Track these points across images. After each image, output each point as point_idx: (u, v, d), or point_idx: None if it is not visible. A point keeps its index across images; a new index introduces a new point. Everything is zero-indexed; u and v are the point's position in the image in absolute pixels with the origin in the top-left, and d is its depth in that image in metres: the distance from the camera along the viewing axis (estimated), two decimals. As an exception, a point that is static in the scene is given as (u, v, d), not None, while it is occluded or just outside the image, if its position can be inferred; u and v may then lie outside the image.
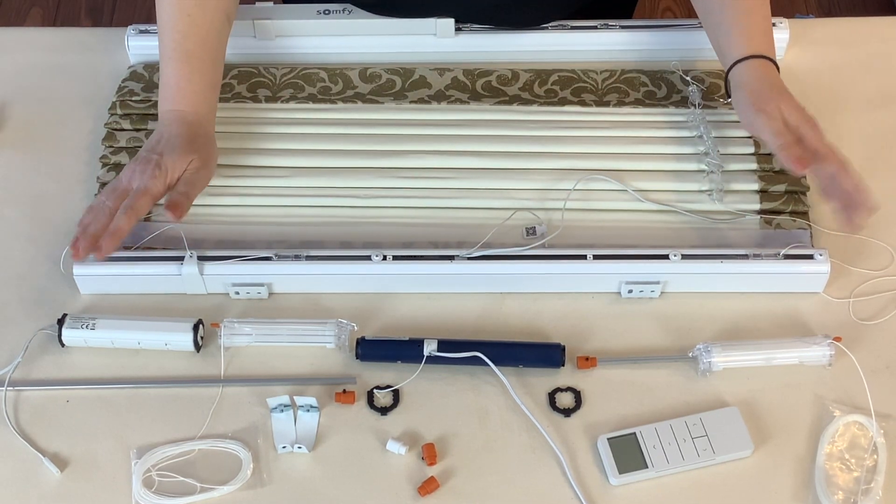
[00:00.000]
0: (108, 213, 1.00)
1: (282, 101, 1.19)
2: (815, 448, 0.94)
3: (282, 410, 0.96)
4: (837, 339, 0.98)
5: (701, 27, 1.23)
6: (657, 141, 1.14)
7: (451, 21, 1.21)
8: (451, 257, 1.02)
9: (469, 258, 1.02)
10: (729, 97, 1.09)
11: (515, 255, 1.03)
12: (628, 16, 1.40)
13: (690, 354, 0.98)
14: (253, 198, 1.11)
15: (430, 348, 0.97)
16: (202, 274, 1.02)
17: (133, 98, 1.18)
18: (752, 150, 1.13)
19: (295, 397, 0.95)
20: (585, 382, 0.98)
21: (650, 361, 0.99)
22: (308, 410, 0.96)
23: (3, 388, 0.97)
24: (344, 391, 0.97)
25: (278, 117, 1.17)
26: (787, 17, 1.23)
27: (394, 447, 0.94)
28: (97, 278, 1.03)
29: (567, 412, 0.96)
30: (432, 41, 1.22)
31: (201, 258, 1.02)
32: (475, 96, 1.19)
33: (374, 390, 0.97)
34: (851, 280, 1.05)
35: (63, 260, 1.05)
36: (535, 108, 1.18)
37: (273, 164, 1.13)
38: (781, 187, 1.10)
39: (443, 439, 0.95)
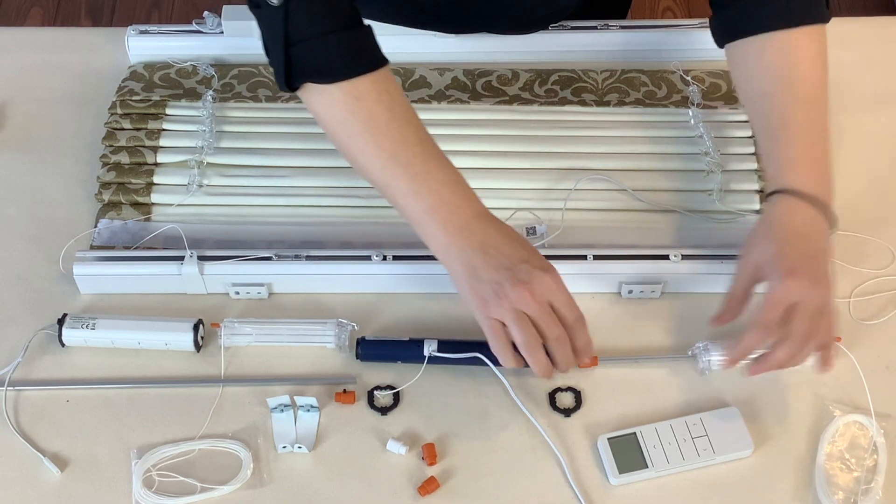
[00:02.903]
0: (566, 341, 0.92)
1: (282, 101, 1.19)
2: (815, 448, 0.94)
3: (282, 410, 0.96)
4: (837, 339, 0.98)
5: (701, 27, 1.23)
6: (657, 141, 1.14)
7: (452, 21, 1.21)
8: (451, 257, 1.02)
9: (469, 258, 1.02)
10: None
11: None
12: (622, 15, 1.40)
13: (689, 353, 0.98)
14: (253, 198, 1.11)
15: (430, 349, 0.97)
16: (202, 274, 1.02)
17: (133, 98, 1.18)
18: (752, 149, 1.13)
19: (295, 397, 0.95)
20: (585, 382, 0.98)
21: (650, 361, 0.99)
22: (308, 410, 0.96)
23: (3, 388, 0.97)
24: (344, 391, 0.97)
25: (278, 117, 1.17)
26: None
27: (394, 447, 0.94)
28: (97, 278, 1.03)
29: (567, 412, 0.96)
30: (432, 41, 1.22)
31: (201, 258, 1.02)
32: (475, 96, 1.19)
33: (375, 390, 0.97)
34: (851, 280, 1.05)
35: (63, 260, 1.05)
36: (535, 107, 1.18)
37: (273, 164, 1.13)
38: (781, 187, 1.10)
39: (443, 439, 0.95)
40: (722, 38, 1.06)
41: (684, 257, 1.02)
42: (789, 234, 0.94)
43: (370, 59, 0.95)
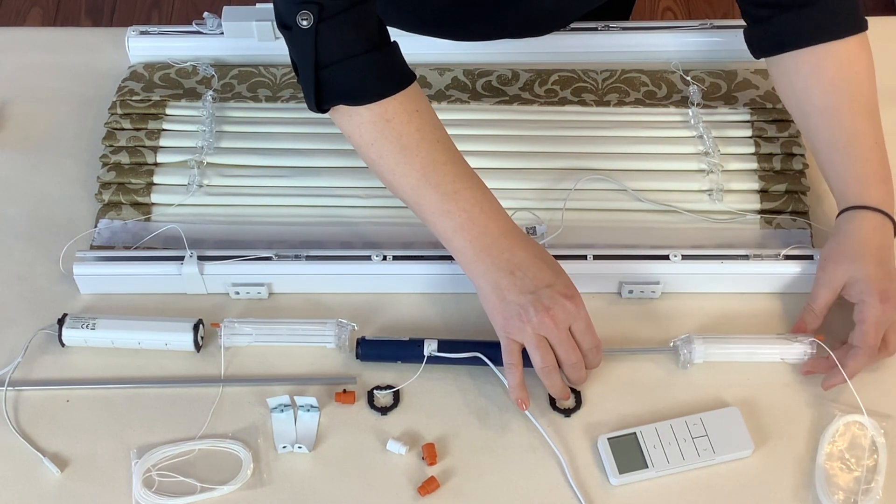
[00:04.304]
0: (581, 366, 0.94)
1: (282, 101, 1.19)
2: (815, 448, 0.94)
3: (282, 410, 0.96)
4: (819, 337, 0.98)
5: (701, 28, 1.23)
6: (657, 141, 1.14)
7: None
8: (451, 257, 1.02)
9: (469, 258, 1.02)
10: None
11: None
12: (625, 18, 1.40)
13: (671, 345, 0.98)
14: (253, 198, 1.11)
15: (430, 348, 0.97)
16: (202, 274, 1.02)
17: (133, 98, 1.18)
18: (752, 149, 1.13)
19: (295, 397, 0.95)
20: (585, 383, 0.98)
21: (644, 353, 0.99)
22: (308, 410, 0.96)
23: (3, 388, 0.97)
24: (344, 391, 0.97)
25: (278, 117, 1.17)
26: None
27: (394, 447, 0.94)
28: (97, 278, 1.03)
29: (567, 412, 0.96)
30: (432, 41, 1.22)
31: (201, 258, 1.02)
32: (475, 96, 1.19)
33: (375, 390, 0.97)
34: (851, 280, 1.05)
35: (63, 260, 1.05)
36: (535, 107, 1.18)
37: (273, 164, 1.13)
38: (781, 187, 1.10)
39: (443, 439, 0.95)
40: (764, 51, 1.07)
41: (684, 258, 1.02)
42: (879, 255, 0.97)
43: (398, 78, 0.96)
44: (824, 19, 1.02)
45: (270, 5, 1.22)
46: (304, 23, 0.92)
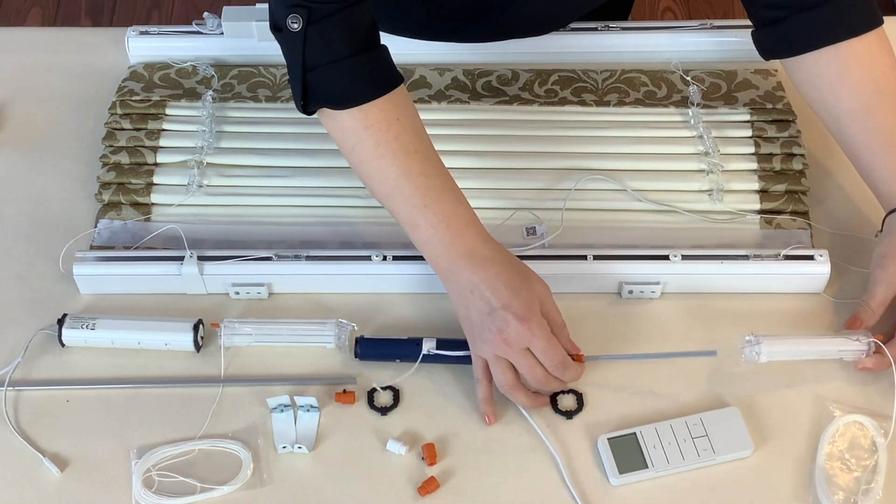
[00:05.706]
0: (549, 380, 0.94)
1: (282, 101, 1.19)
2: (815, 448, 0.94)
3: (282, 410, 0.96)
4: (878, 337, 0.97)
5: (701, 28, 1.23)
6: (657, 141, 1.14)
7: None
8: (450, 257, 1.02)
9: (469, 258, 1.02)
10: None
11: (515, 255, 1.03)
12: (624, 18, 1.40)
13: (739, 346, 0.98)
14: (253, 198, 1.11)
15: (428, 347, 0.97)
16: (202, 274, 1.02)
17: (133, 98, 1.18)
18: (752, 149, 1.13)
19: (295, 397, 0.95)
20: (586, 383, 0.98)
21: (652, 357, 0.99)
22: (308, 410, 0.96)
23: (3, 388, 0.97)
24: (344, 391, 0.97)
25: (278, 117, 1.17)
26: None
27: (394, 447, 0.94)
28: (97, 278, 1.03)
29: (569, 414, 0.96)
30: (432, 42, 1.22)
31: (201, 258, 1.02)
32: (475, 96, 1.19)
33: (374, 390, 0.97)
34: (852, 280, 1.05)
35: (63, 260, 1.05)
36: (535, 108, 1.18)
37: (273, 164, 1.13)
38: (781, 187, 1.10)
39: (443, 439, 0.95)
40: (777, 52, 1.06)
41: (684, 258, 1.02)
42: None
43: (382, 82, 0.96)
44: (839, 17, 1.01)
45: (270, 5, 1.23)
46: (295, 25, 0.92)
